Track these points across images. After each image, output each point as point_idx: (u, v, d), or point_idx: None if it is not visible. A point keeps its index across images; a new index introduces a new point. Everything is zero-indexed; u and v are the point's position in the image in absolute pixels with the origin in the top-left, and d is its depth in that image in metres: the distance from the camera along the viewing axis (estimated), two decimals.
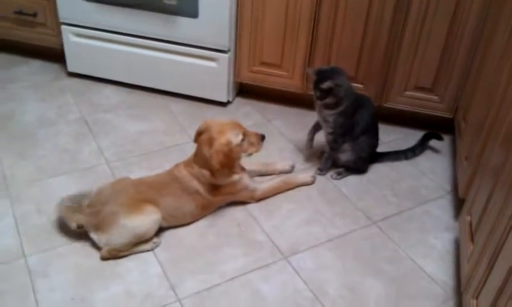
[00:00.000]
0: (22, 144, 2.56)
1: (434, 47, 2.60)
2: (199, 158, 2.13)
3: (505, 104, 1.80)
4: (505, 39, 2.01)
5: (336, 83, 2.27)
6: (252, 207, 2.28)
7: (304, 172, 2.49)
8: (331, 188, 2.44)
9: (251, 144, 2.18)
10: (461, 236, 2.00)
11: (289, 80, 2.90)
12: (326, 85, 2.27)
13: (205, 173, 2.10)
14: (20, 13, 3.07)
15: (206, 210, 2.20)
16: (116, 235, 1.93)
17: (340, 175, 2.50)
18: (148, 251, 2.01)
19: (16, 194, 2.24)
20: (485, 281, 1.56)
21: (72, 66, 3.16)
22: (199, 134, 2.16)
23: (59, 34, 3.07)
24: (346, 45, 2.72)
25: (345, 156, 2.47)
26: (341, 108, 2.34)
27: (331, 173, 2.51)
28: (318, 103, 2.36)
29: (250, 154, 2.21)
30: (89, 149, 2.57)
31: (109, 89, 3.11)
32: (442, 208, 2.36)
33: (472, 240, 1.82)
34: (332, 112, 2.36)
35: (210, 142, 2.08)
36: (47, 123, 2.75)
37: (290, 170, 2.50)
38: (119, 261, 1.96)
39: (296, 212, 2.27)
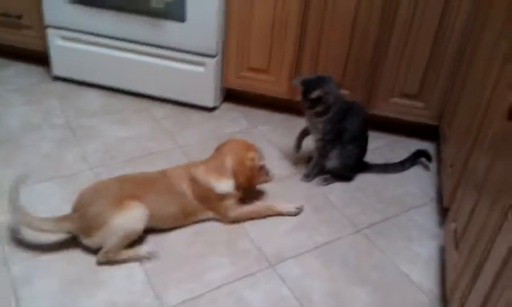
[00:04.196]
0: (5, 149, 2.52)
1: (420, 54, 2.62)
2: (215, 165, 2.17)
3: (490, 112, 1.82)
4: (490, 47, 2.03)
5: (325, 91, 2.29)
6: None
7: (290, 202, 2.36)
8: (318, 196, 2.44)
9: (266, 173, 2.29)
10: (446, 244, 2.01)
11: (276, 85, 2.90)
12: (315, 94, 2.28)
13: (209, 180, 2.13)
14: (5, 15, 3.04)
15: (188, 217, 2.16)
16: (106, 236, 1.90)
17: (326, 181, 2.50)
18: (144, 258, 1.99)
19: None
20: (471, 289, 1.56)
21: (57, 70, 3.12)
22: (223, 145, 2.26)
23: (44, 37, 3.03)
24: (333, 51, 2.73)
25: (331, 163, 2.47)
26: (330, 114, 2.35)
27: (318, 179, 2.51)
28: (308, 112, 2.37)
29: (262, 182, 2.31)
30: (74, 155, 2.54)
31: (94, 93, 3.08)
32: (427, 216, 2.37)
33: (457, 248, 1.83)
34: (321, 119, 2.36)
35: (237, 155, 2.18)
36: (31, 128, 2.71)
37: (297, 213, 2.31)
38: (104, 268, 1.94)
39: (282, 220, 2.27)
